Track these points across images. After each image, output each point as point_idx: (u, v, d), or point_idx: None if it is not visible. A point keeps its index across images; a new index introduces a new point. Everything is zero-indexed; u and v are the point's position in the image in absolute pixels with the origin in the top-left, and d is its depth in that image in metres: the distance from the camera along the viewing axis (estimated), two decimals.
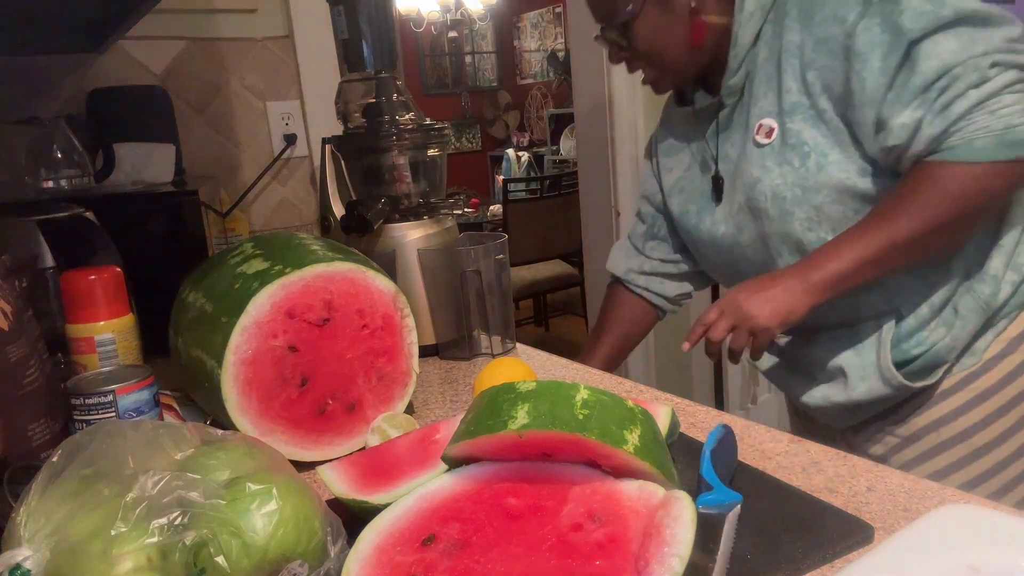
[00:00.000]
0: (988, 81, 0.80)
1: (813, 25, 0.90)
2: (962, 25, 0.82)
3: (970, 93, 0.81)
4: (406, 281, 1.03)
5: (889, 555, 0.46)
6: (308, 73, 1.67)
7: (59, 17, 1.14)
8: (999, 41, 0.81)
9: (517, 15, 6.88)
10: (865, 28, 0.86)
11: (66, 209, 0.96)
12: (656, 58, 1.02)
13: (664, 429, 0.65)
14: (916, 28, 0.83)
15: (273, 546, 0.45)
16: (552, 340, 4.40)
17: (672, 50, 1.00)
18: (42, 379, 0.62)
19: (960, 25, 0.82)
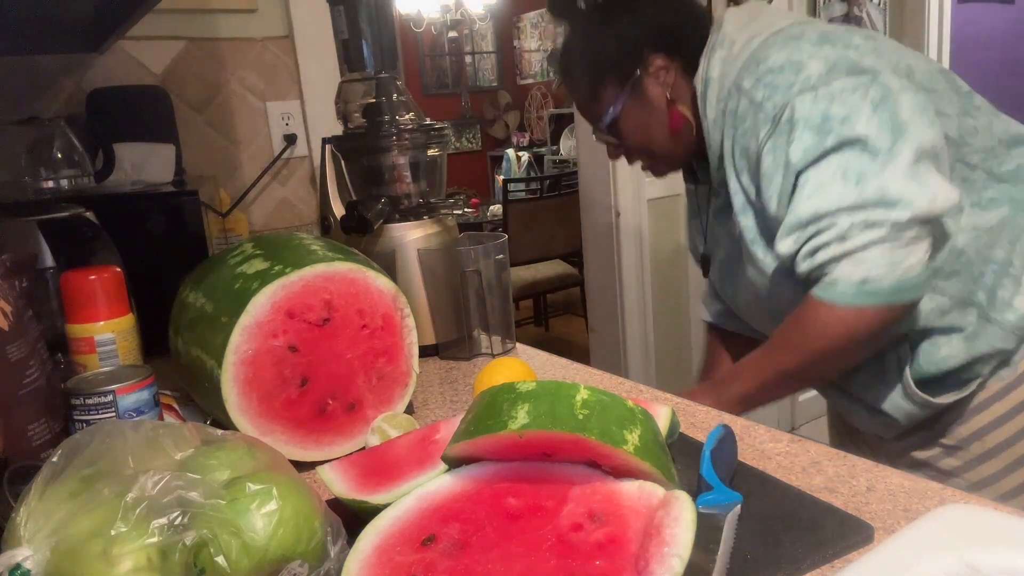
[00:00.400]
0: (848, 239, 0.84)
1: (738, 135, 0.95)
2: (847, 150, 0.85)
3: (833, 245, 0.85)
4: (406, 281, 1.03)
5: (889, 555, 0.46)
6: (308, 73, 1.67)
7: (59, 17, 1.14)
8: (872, 193, 0.83)
9: (517, 15, 6.87)
10: (770, 149, 0.90)
11: (66, 209, 0.96)
12: (647, 149, 1.08)
13: (664, 429, 0.65)
14: (800, 161, 0.87)
15: (273, 546, 0.45)
16: (552, 340, 4.40)
17: (659, 140, 1.06)
18: (42, 379, 0.62)
19: (845, 150, 0.85)
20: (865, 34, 0.94)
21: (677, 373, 2.46)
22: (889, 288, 0.84)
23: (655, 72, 1.02)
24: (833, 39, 0.91)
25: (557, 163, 5.55)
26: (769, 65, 0.91)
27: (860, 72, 0.87)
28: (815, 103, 0.87)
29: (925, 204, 0.83)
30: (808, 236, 0.87)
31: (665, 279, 2.38)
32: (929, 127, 0.86)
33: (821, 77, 0.88)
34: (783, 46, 0.91)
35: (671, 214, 2.35)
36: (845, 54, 0.89)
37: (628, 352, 2.33)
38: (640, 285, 2.31)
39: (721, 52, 0.98)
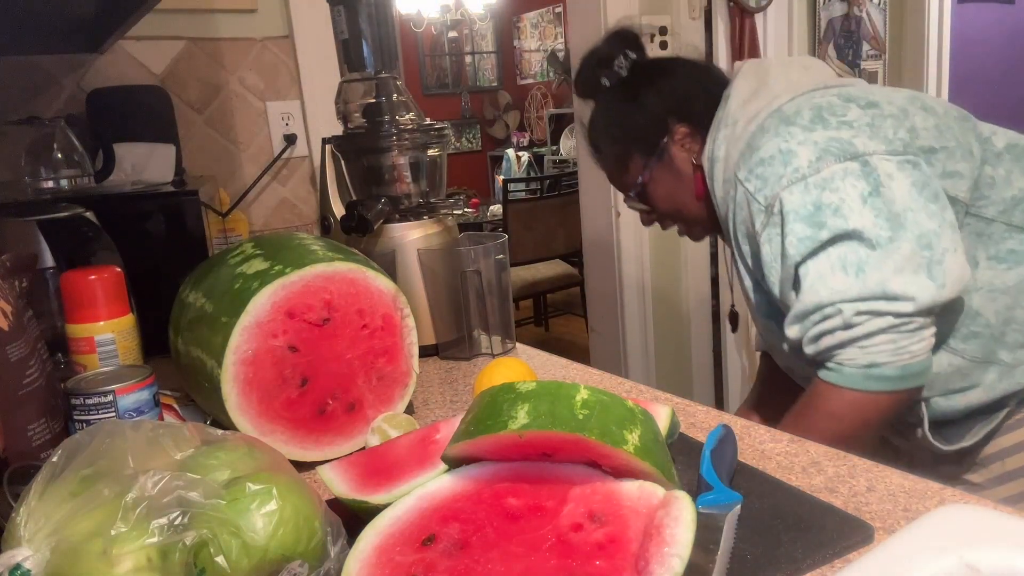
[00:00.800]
0: (853, 327, 0.85)
1: (738, 222, 0.98)
2: (844, 243, 0.85)
3: (838, 333, 0.86)
4: (406, 281, 1.03)
5: (889, 555, 0.46)
6: (308, 73, 1.67)
7: (59, 17, 1.14)
8: (873, 285, 0.83)
9: (517, 15, 6.87)
10: (767, 239, 0.92)
11: (66, 209, 0.96)
12: (678, 214, 1.11)
13: (664, 429, 0.65)
14: (796, 254, 0.88)
15: (273, 546, 0.45)
16: (552, 340, 4.40)
17: (689, 205, 1.08)
18: (42, 379, 0.62)
19: (842, 243, 0.86)
20: (866, 101, 0.93)
21: (677, 373, 2.46)
22: (894, 374, 0.85)
23: (680, 140, 1.06)
24: (827, 117, 0.91)
25: (557, 163, 5.55)
26: (760, 155, 0.92)
27: (851, 156, 0.87)
28: (805, 193, 0.87)
29: (930, 296, 0.83)
30: (812, 324, 0.88)
31: (665, 279, 2.38)
32: (928, 208, 0.85)
33: (811, 165, 0.88)
34: (775, 133, 0.92)
35: None
36: (837, 136, 0.89)
37: (628, 352, 2.33)
38: (640, 285, 2.31)
39: (725, 131, 0.99)
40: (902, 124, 0.91)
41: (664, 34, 2.21)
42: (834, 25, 2.65)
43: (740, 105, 0.99)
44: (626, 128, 1.08)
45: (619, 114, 1.09)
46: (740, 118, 0.98)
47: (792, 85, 0.98)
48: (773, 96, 0.97)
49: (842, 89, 0.97)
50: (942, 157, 0.90)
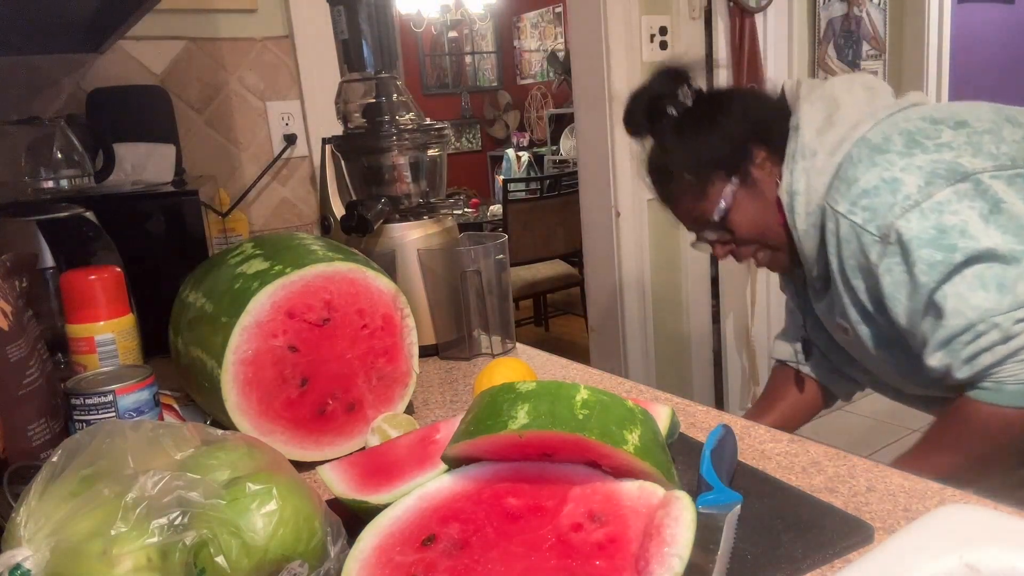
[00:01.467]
0: (1014, 337, 0.82)
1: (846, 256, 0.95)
2: (979, 263, 0.84)
3: (997, 348, 0.83)
4: (406, 281, 1.03)
5: (889, 555, 0.46)
6: (308, 73, 1.67)
7: (59, 17, 1.14)
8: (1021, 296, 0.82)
9: (517, 15, 6.87)
10: (886, 270, 0.89)
11: (66, 209, 0.96)
12: (762, 239, 1.06)
13: (664, 429, 0.65)
14: (931, 280, 0.85)
15: (273, 546, 0.45)
16: (552, 340, 4.40)
17: (774, 228, 1.04)
18: (42, 379, 0.62)
19: (976, 264, 0.84)
20: (954, 121, 0.92)
21: (677, 373, 2.46)
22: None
23: (761, 163, 1.03)
24: (921, 140, 0.90)
25: (557, 163, 5.55)
26: (862, 187, 0.90)
27: (961, 178, 0.86)
28: (923, 219, 0.86)
29: None
30: (963, 345, 0.85)
31: (665, 279, 2.38)
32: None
33: (921, 190, 0.86)
34: (871, 163, 0.90)
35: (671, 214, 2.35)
36: (940, 158, 0.88)
37: (628, 352, 2.33)
38: (640, 285, 2.31)
39: (804, 163, 0.97)
40: (1000, 138, 0.90)
41: (664, 34, 2.21)
42: (834, 25, 2.65)
43: (815, 135, 0.97)
44: (704, 154, 1.04)
45: (694, 141, 1.05)
46: (819, 149, 0.96)
47: (867, 111, 0.97)
48: (852, 124, 0.95)
49: (921, 109, 0.97)
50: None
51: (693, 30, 2.26)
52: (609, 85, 2.14)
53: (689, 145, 1.06)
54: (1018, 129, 0.93)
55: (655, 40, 2.20)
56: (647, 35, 2.18)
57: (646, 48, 2.18)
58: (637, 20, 2.15)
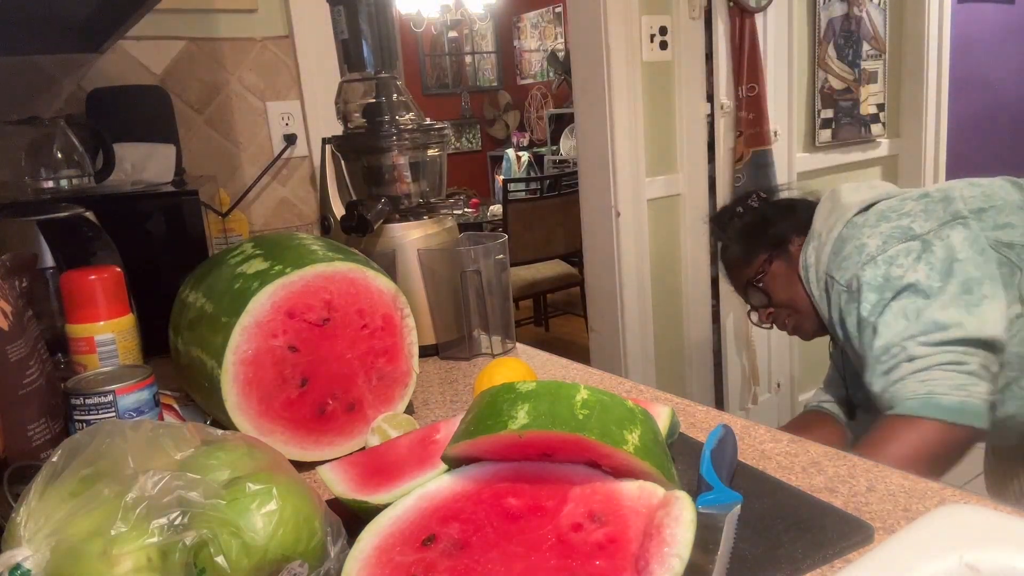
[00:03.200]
0: (919, 359, 1.00)
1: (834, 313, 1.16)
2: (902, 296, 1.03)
3: (903, 366, 1.01)
4: (406, 281, 1.03)
5: (889, 555, 0.46)
6: (308, 73, 1.67)
7: (59, 17, 1.14)
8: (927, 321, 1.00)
9: (517, 15, 6.87)
10: (848, 313, 1.11)
11: (66, 209, 0.96)
12: (791, 303, 1.28)
13: (664, 429, 0.65)
14: (871, 315, 1.06)
15: (273, 546, 0.45)
16: (552, 340, 4.39)
17: (801, 296, 1.25)
18: (42, 379, 0.62)
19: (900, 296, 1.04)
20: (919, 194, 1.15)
21: (677, 373, 2.46)
22: (951, 406, 0.95)
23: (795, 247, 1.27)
24: (888, 215, 1.12)
25: (557, 163, 5.55)
26: (844, 254, 1.13)
27: (912, 238, 1.06)
28: (875, 268, 1.07)
29: (975, 326, 0.98)
30: (882, 363, 1.03)
31: (665, 279, 2.37)
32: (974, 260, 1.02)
33: (879, 248, 1.08)
34: (851, 237, 1.13)
35: (671, 214, 2.35)
36: (899, 224, 1.09)
37: (628, 352, 2.33)
38: (640, 285, 2.31)
39: (813, 243, 1.22)
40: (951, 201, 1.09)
41: (664, 34, 2.21)
42: (834, 25, 2.65)
43: (821, 222, 1.22)
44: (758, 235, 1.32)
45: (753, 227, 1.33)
46: (822, 231, 1.20)
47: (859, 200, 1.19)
48: (844, 210, 1.18)
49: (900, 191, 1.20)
50: (992, 214, 1.07)
51: (693, 30, 2.26)
52: (609, 85, 2.14)
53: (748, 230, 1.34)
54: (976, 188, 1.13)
55: (655, 40, 2.20)
56: (647, 35, 2.18)
57: (646, 48, 2.18)
58: (637, 20, 2.15)
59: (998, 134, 3.67)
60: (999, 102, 3.68)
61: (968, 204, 1.09)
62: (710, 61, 2.29)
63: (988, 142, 3.59)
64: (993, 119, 3.67)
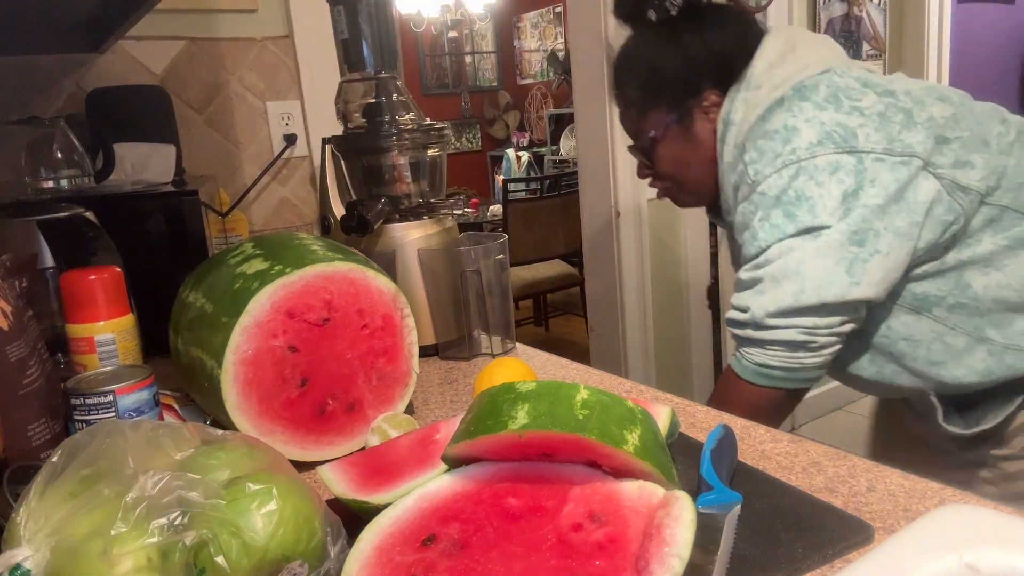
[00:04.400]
0: (766, 329, 0.94)
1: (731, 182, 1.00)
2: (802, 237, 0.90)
3: (749, 330, 0.96)
4: (406, 281, 1.03)
5: (889, 555, 0.46)
6: (308, 73, 1.67)
7: (59, 17, 1.14)
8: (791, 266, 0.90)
9: (517, 15, 6.87)
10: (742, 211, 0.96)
11: (66, 209, 0.96)
12: (677, 180, 1.09)
13: (664, 429, 0.65)
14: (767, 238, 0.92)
15: (273, 546, 0.45)
16: (552, 340, 4.39)
17: (692, 175, 1.06)
18: (42, 379, 0.62)
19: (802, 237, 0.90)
20: (884, 89, 0.93)
21: (677, 373, 2.46)
22: (780, 376, 0.95)
23: (707, 107, 1.02)
24: (841, 99, 0.91)
25: (557, 163, 5.55)
26: (766, 128, 0.93)
27: (848, 150, 0.88)
28: (791, 177, 0.89)
29: (838, 290, 0.88)
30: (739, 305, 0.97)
31: (665, 279, 2.37)
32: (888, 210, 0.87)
33: (809, 148, 0.89)
34: (787, 108, 0.92)
35: (671, 214, 2.34)
36: (846, 122, 0.89)
37: (628, 352, 2.33)
38: (640, 285, 2.31)
39: (746, 93, 0.97)
40: (914, 118, 0.91)
41: None
42: (834, 25, 2.65)
43: (766, 69, 0.96)
44: (657, 77, 1.03)
45: (655, 58, 1.03)
46: (764, 83, 0.96)
47: (820, 59, 0.96)
48: (801, 67, 0.95)
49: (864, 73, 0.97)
50: (955, 147, 0.90)
51: None
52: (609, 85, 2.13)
53: (648, 60, 1.05)
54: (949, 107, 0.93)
55: None
56: None
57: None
58: None
59: None
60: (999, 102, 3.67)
61: (932, 130, 0.89)
62: None
63: None
64: None
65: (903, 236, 0.88)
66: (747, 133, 0.95)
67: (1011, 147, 0.92)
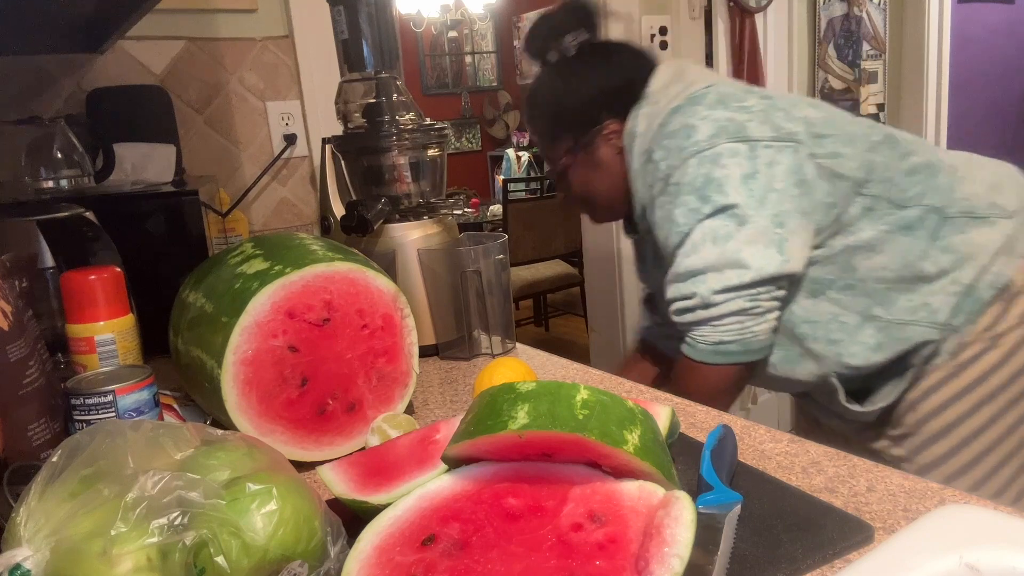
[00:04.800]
0: (714, 306, 0.98)
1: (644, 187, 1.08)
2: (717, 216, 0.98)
3: (699, 311, 1.00)
4: (406, 281, 1.03)
5: (889, 555, 0.46)
6: (308, 73, 1.67)
7: (59, 17, 1.14)
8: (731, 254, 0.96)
9: (517, 15, 6.87)
10: (660, 204, 1.04)
11: (66, 209, 0.96)
12: (588, 200, 1.18)
13: (664, 429, 0.65)
14: (686, 224, 1.00)
15: (273, 546, 0.45)
16: (552, 340, 4.40)
17: (600, 194, 1.16)
18: (42, 379, 0.62)
19: (716, 216, 0.98)
20: (762, 95, 1.06)
21: None
22: (737, 350, 0.99)
23: (608, 135, 1.12)
24: (728, 101, 1.02)
25: None
26: (668, 130, 1.03)
27: (744, 139, 0.99)
28: (699, 166, 0.99)
29: (775, 265, 0.96)
30: (682, 294, 1.01)
31: None
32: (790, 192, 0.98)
33: (708, 139, 0.99)
34: (684, 112, 1.02)
35: None
36: (734, 117, 1.00)
37: (628, 352, 2.33)
38: (640, 285, 2.31)
39: (647, 108, 1.07)
40: (792, 114, 1.02)
41: (664, 34, 2.21)
42: (834, 25, 2.65)
43: (661, 88, 1.08)
44: (561, 112, 1.13)
45: (559, 93, 1.13)
46: (660, 99, 1.06)
47: (705, 78, 1.08)
48: (690, 83, 1.06)
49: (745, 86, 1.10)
50: (828, 142, 1.01)
51: (693, 30, 2.26)
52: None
53: (553, 95, 1.14)
54: (820, 111, 1.05)
55: (655, 40, 2.20)
56: (647, 35, 2.18)
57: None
58: (637, 20, 2.15)
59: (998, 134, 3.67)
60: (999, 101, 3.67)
61: (809, 127, 1.02)
62: (710, 61, 2.29)
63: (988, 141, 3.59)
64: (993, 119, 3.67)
65: (806, 215, 0.99)
66: (651, 140, 1.05)
67: (878, 146, 1.03)
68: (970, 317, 1.00)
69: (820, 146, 1.00)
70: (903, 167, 1.03)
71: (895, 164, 1.03)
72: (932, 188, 1.02)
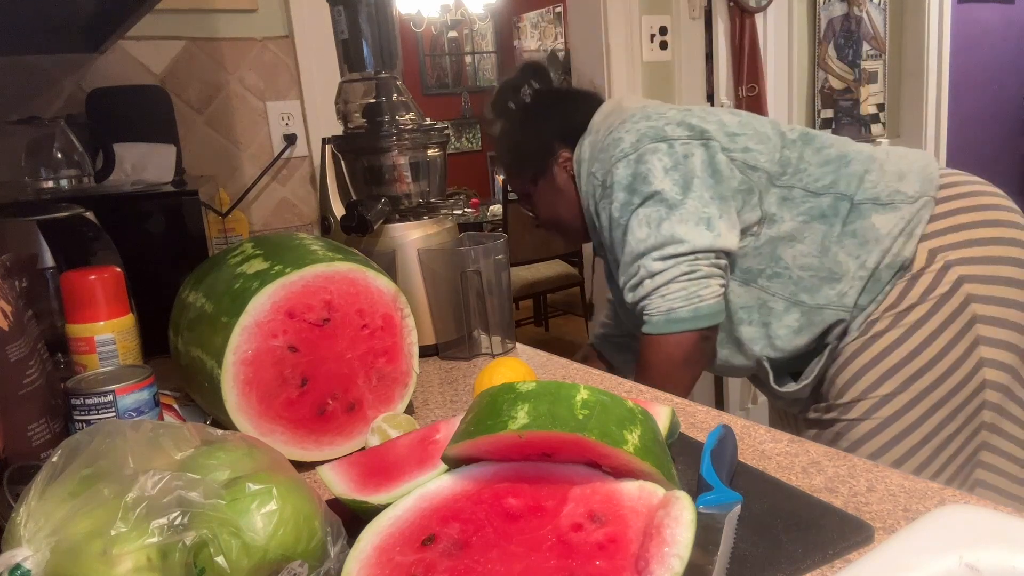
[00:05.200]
0: (658, 274, 1.09)
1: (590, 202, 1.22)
2: (647, 203, 1.11)
3: (645, 283, 1.11)
4: (406, 281, 1.03)
5: (889, 555, 0.46)
6: (308, 73, 1.67)
7: (59, 17, 1.14)
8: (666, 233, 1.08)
9: (517, 15, 6.87)
10: (603, 208, 1.17)
11: (66, 209, 0.96)
12: (555, 222, 1.34)
13: (664, 429, 0.65)
14: (621, 216, 1.14)
15: (273, 546, 0.45)
16: (552, 340, 4.39)
17: (565, 216, 1.30)
18: (42, 379, 0.62)
19: (646, 203, 1.11)
20: (683, 107, 1.21)
21: None
22: (688, 316, 1.08)
23: (563, 163, 1.28)
24: (650, 114, 1.17)
25: None
26: (600, 145, 1.19)
27: (662, 139, 1.13)
28: (627, 167, 1.12)
29: (708, 240, 1.07)
30: (628, 276, 1.13)
31: None
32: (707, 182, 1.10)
33: (632, 145, 1.13)
34: (615, 131, 1.17)
35: None
36: (653, 125, 1.15)
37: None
38: None
39: (590, 138, 1.23)
40: (707, 119, 1.16)
41: (664, 34, 2.21)
42: (834, 25, 2.65)
43: (602, 119, 1.24)
44: (522, 150, 1.32)
45: (518, 135, 1.32)
46: (601, 128, 1.22)
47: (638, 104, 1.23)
48: (624, 110, 1.23)
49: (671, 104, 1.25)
50: (742, 140, 1.15)
51: (693, 30, 2.26)
52: (609, 85, 2.14)
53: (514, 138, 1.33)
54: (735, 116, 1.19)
55: (655, 40, 2.20)
56: (647, 35, 2.18)
57: (646, 48, 2.18)
58: (637, 20, 2.15)
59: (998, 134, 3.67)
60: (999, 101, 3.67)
61: (722, 127, 1.15)
62: (710, 61, 2.29)
63: (988, 142, 3.59)
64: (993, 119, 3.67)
65: (725, 200, 1.11)
66: (591, 161, 1.20)
67: (792, 143, 1.17)
68: (874, 297, 1.11)
69: (733, 142, 1.14)
70: (817, 159, 1.15)
71: (810, 157, 1.15)
72: (843, 176, 1.13)
